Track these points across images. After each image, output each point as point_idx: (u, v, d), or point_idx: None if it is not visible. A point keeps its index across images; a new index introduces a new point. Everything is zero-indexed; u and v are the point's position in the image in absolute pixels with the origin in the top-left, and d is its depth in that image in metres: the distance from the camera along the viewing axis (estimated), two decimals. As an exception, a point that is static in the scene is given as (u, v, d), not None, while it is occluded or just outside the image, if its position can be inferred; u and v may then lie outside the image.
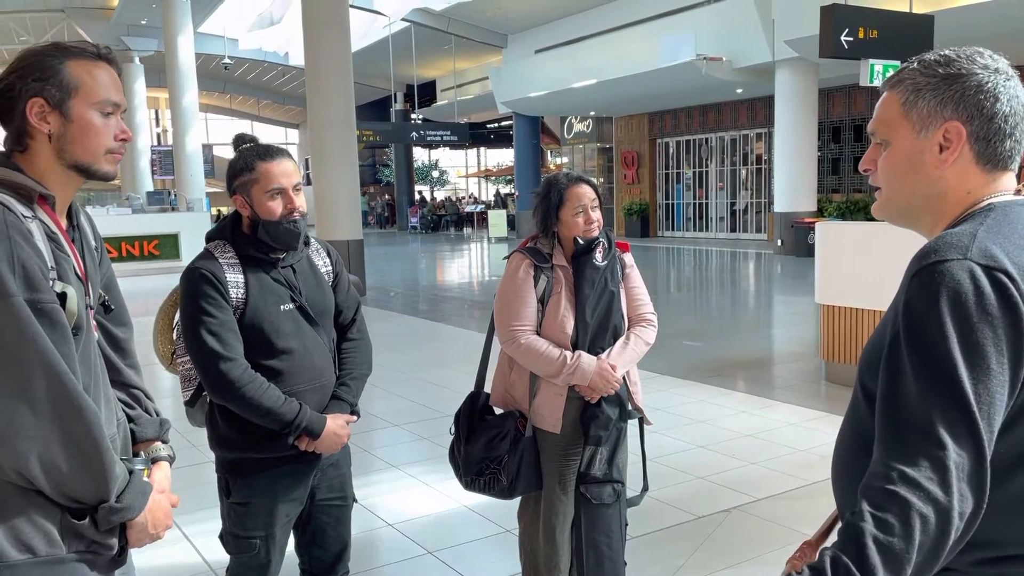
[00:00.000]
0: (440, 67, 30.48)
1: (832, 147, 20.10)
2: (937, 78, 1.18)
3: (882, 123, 1.25)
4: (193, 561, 3.42)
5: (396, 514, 3.91)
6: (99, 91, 1.45)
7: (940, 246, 1.10)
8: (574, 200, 2.59)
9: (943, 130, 1.18)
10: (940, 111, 1.18)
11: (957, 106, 1.17)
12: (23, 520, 1.33)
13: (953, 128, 1.17)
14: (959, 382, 1.03)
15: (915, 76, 1.20)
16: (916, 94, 1.19)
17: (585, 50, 20.86)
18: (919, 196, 1.23)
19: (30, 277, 1.31)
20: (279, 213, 2.13)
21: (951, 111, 1.17)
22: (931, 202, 1.22)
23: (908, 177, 1.22)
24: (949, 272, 1.06)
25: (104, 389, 1.51)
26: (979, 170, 1.19)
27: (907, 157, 1.21)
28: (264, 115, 43.33)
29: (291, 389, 2.14)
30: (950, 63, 1.18)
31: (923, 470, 1.01)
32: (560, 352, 2.54)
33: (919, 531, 0.98)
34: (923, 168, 1.20)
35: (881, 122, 1.25)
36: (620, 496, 2.62)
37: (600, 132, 26.49)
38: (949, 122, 1.17)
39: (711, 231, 23.52)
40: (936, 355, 1.05)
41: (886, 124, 1.24)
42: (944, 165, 1.19)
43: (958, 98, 1.17)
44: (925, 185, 1.21)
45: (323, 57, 11.46)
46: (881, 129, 1.25)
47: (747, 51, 16.77)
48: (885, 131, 1.24)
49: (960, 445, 1.02)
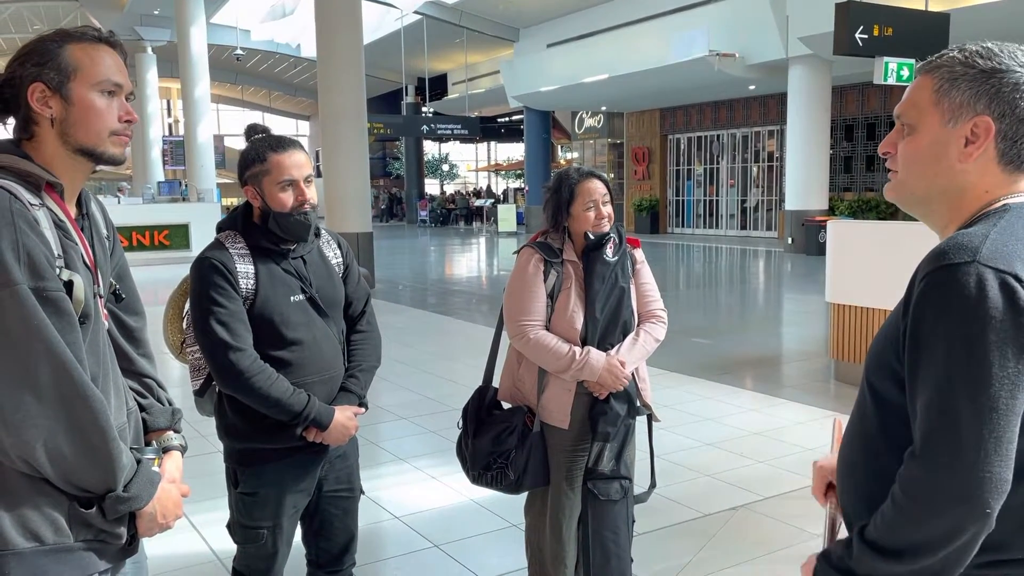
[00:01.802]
0: (452, 60, 30.45)
1: (844, 145, 19.99)
2: (976, 70, 1.16)
3: (911, 106, 1.22)
4: (200, 551, 3.43)
5: (402, 507, 3.91)
6: (99, 72, 1.44)
7: (951, 248, 1.09)
8: (585, 195, 2.58)
9: (972, 123, 1.16)
10: (973, 104, 1.15)
11: (991, 101, 1.15)
12: (31, 508, 1.33)
13: (983, 123, 1.15)
14: (956, 389, 1.04)
15: (953, 64, 1.18)
16: (951, 83, 1.17)
17: (597, 45, 20.80)
18: (937, 187, 1.21)
19: (35, 265, 1.30)
20: (290, 204, 2.12)
21: (984, 105, 1.15)
22: (948, 196, 1.20)
23: (929, 166, 1.20)
24: (958, 276, 1.05)
25: (114, 378, 1.50)
26: (1000, 169, 1.17)
27: (931, 145, 1.19)
28: (275, 107, 43.40)
29: (300, 380, 2.14)
30: (992, 56, 1.16)
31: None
32: (569, 348, 2.53)
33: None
34: (945, 159, 1.18)
35: (910, 105, 1.22)
36: (627, 492, 2.61)
37: (611, 127, 26.42)
38: (980, 116, 1.15)
39: (721, 228, 23.45)
40: (937, 360, 1.05)
41: (915, 108, 1.21)
42: (967, 159, 1.17)
43: (993, 93, 1.14)
44: (945, 177, 1.19)
45: (335, 49, 11.45)
46: (909, 112, 1.22)
47: (760, 48, 16.68)
48: (913, 115, 1.21)
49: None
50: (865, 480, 1.15)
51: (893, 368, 1.14)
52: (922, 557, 1.07)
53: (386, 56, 27.74)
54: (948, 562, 1.07)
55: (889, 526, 1.10)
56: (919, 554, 1.07)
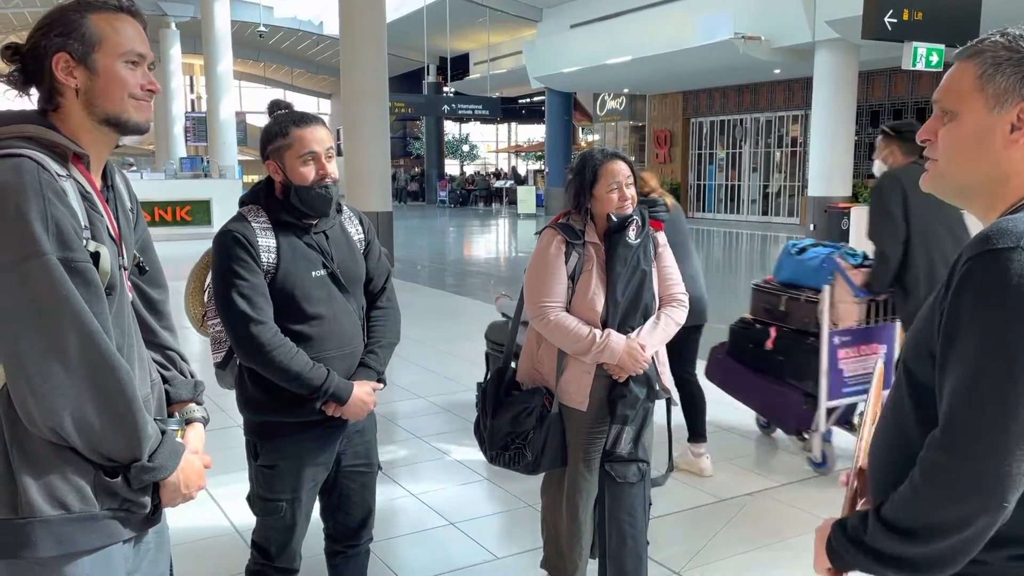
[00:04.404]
0: (474, 40, 30.28)
1: (870, 131, 19.71)
2: (1020, 54, 1.13)
3: (952, 93, 1.19)
4: (220, 524, 3.47)
5: (419, 485, 3.93)
6: (123, 42, 1.44)
7: (995, 233, 1.07)
8: (609, 176, 2.56)
9: (1018, 109, 1.13)
10: (1019, 89, 1.13)
11: None
12: (57, 477, 1.35)
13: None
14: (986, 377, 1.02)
15: (997, 49, 1.15)
16: (995, 68, 1.14)
17: (621, 26, 20.58)
18: (980, 175, 1.18)
19: (63, 235, 1.31)
20: (311, 178, 2.13)
21: None
22: (991, 183, 1.18)
23: (972, 153, 1.17)
24: (1000, 261, 1.04)
25: (138, 350, 1.52)
26: None
27: (975, 132, 1.16)
28: (297, 84, 43.37)
29: (319, 355, 2.15)
30: None
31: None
32: (589, 330, 2.52)
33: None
34: (990, 146, 1.15)
35: (951, 92, 1.19)
36: (645, 475, 2.61)
37: (633, 110, 26.20)
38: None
39: (742, 213, 23.25)
40: (971, 345, 1.04)
41: (956, 95, 1.18)
42: (1013, 146, 1.14)
43: None
44: (989, 164, 1.16)
45: (358, 27, 11.42)
46: (949, 99, 1.19)
47: (786, 31, 16.44)
48: (954, 101, 1.18)
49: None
50: (898, 467, 1.14)
51: (933, 354, 1.12)
52: (934, 540, 1.08)
53: (408, 35, 27.62)
54: (958, 549, 1.07)
55: (905, 506, 1.11)
56: (931, 537, 1.08)
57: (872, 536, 1.14)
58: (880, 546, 1.13)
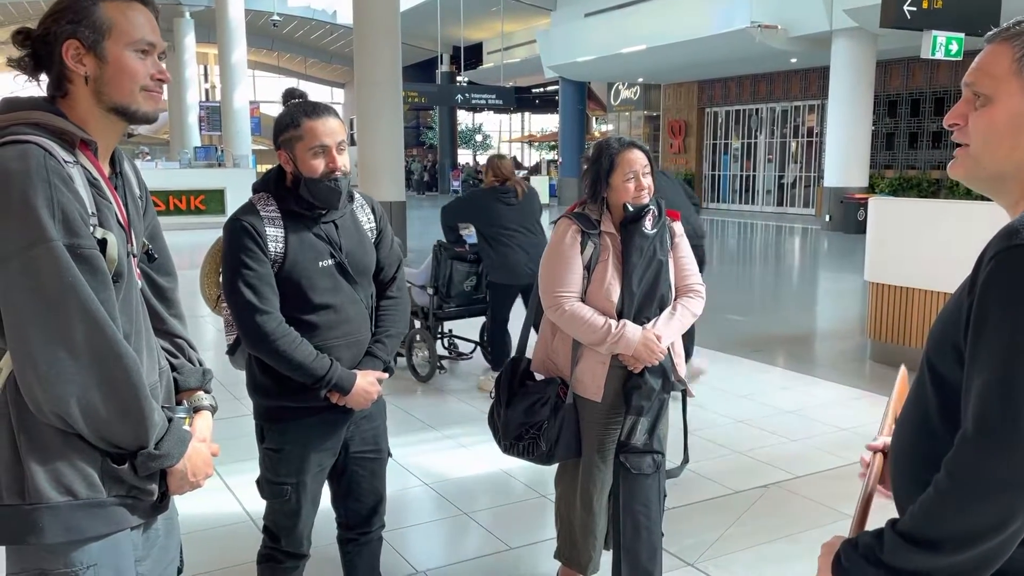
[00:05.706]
0: (488, 29, 30.17)
1: (887, 121, 19.53)
2: None
3: (986, 76, 1.14)
4: (234, 511, 3.48)
5: (432, 474, 3.93)
6: (133, 31, 1.42)
7: (1023, 226, 1.03)
8: (625, 166, 2.53)
9: None
10: None
11: None
12: (64, 463, 1.34)
13: None
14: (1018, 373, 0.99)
15: None
16: None
17: (636, 15, 20.43)
18: (1013, 162, 1.13)
19: (70, 222, 1.30)
20: (320, 171, 2.12)
21: None
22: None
23: (1008, 139, 1.12)
24: None
25: (147, 337, 1.51)
26: None
27: (1012, 117, 1.12)
28: (311, 74, 43.39)
29: (325, 343, 2.16)
30: None
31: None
32: (605, 320, 2.49)
33: None
34: None
35: (985, 75, 1.14)
36: (660, 467, 2.58)
37: (647, 100, 26.05)
38: None
39: (758, 204, 23.10)
40: (1001, 342, 1.01)
41: (992, 78, 1.13)
42: None
43: None
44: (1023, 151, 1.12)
45: (371, 16, 11.37)
46: (983, 82, 1.14)
47: (804, 19, 16.28)
48: (989, 85, 1.14)
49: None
50: (921, 466, 1.11)
51: (958, 349, 1.09)
52: (962, 549, 1.02)
53: (422, 24, 27.54)
54: (987, 557, 1.02)
55: (930, 514, 1.05)
56: (959, 545, 1.02)
57: (891, 553, 1.07)
58: (900, 563, 1.06)
